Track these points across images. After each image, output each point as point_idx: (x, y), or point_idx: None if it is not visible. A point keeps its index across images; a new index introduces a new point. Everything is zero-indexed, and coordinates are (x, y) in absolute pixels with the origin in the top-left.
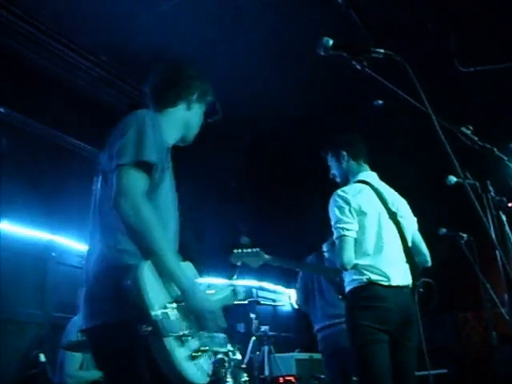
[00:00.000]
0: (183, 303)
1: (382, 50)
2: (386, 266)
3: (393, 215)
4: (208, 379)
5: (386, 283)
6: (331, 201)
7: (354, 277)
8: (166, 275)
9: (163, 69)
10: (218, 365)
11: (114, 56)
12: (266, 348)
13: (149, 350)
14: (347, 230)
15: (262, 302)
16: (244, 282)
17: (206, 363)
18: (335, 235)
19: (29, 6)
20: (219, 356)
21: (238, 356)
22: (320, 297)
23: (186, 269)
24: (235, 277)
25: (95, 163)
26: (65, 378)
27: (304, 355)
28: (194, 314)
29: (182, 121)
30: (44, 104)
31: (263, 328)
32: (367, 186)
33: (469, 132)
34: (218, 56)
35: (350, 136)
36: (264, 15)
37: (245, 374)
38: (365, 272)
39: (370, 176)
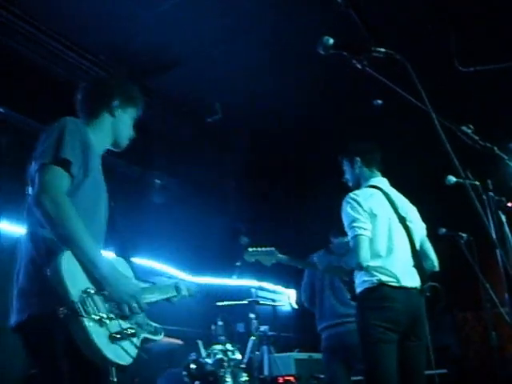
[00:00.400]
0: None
1: (382, 49)
2: (396, 267)
3: (402, 220)
4: (131, 361)
5: (395, 284)
6: (344, 203)
7: (365, 278)
8: (85, 263)
9: (83, 86)
10: (217, 365)
11: (113, 56)
12: (265, 348)
13: (69, 334)
14: (363, 229)
15: (262, 302)
16: (243, 282)
17: (130, 346)
18: (351, 235)
19: (29, 5)
20: (219, 356)
21: (238, 356)
22: (331, 295)
23: (116, 263)
24: (235, 276)
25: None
26: None
27: (303, 355)
28: (114, 299)
29: (108, 129)
30: (44, 104)
31: (263, 328)
32: (378, 191)
33: (470, 131)
34: (218, 56)
35: (366, 144)
36: (264, 15)
37: (244, 374)
38: (375, 273)
39: (381, 182)
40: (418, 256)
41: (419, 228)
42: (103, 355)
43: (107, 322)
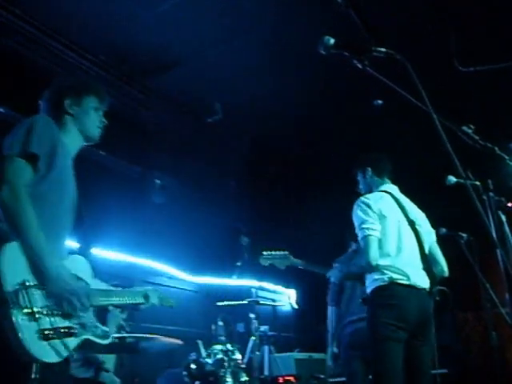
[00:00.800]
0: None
1: (383, 49)
2: (406, 266)
3: (411, 223)
4: (58, 359)
5: (406, 282)
6: (355, 206)
7: (376, 276)
8: (31, 256)
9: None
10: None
11: (113, 56)
12: (265, 348)
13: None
14: (372, 229)
15: (262, 302)
16: (244, 282)
17: (61, 345)
18: (360, 236)
19: (29, 5)
20: (219, 356)
21: (238, 356)
22: (361, 290)
23: (73, 261)
24: (235, 276)
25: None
26: None
27: (303, 355)
28: (54, 295)
29: (74, 128)
30: None
31: (263, 328)
32: (388, 195)
33: (470, 131)
34: (218, 56)
35: (377, 155)
36: (264, 15)
37: (244, 374)
38: (386, 272)
39: (391, 188)
40: (427, 259)
41: (428, 232)
42: (26, 350)
43: (40, 317)
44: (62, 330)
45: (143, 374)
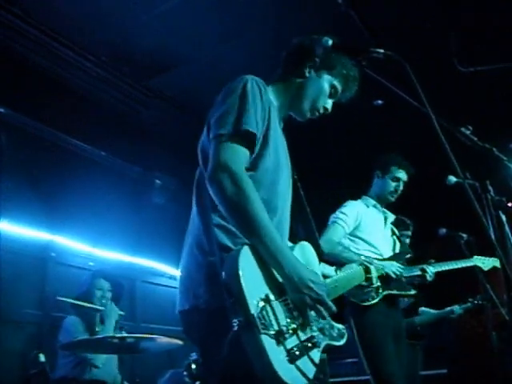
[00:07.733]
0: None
1: (381, 50)
2: None
3: None
4: (307, 382)
5: None
6: None
7: None
8: (266, 260)
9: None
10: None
11: (114, 56)
12: None
13: (240, 346)
14: None
15: None
16: None
17: (308, 364)
18: None
19: (29, 6)
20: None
21: None
22: None
23: (304, 250)
24: None
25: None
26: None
27: None
28: (297, 306)
29: (293, 90)
30: (44, 104)
31: None
32: None
33: (468, 132)
34: (219, 56)
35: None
36: (264, 15)
37: None
38: None
39: None
40: None
41: None
42: (279, 377)
43: (286, 336)
44: (305, 343)
45: (143, 374)
